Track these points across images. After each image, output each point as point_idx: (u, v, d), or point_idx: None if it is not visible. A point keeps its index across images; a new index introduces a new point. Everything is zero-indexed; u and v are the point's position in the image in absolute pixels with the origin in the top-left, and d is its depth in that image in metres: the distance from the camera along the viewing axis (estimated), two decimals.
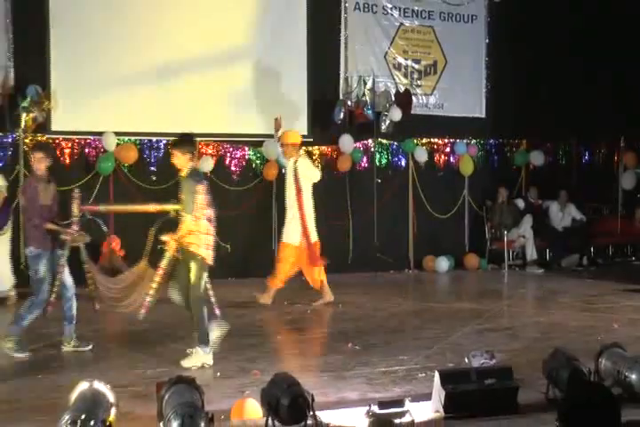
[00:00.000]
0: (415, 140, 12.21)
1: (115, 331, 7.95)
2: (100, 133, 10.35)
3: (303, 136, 11.52)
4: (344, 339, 6.98)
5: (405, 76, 12.38)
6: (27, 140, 10.17)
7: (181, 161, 6.19)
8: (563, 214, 12.60)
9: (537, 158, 12.91)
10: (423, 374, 5.58)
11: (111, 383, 4.06)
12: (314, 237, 8.93)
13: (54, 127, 10.38)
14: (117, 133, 10.48)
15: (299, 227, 8.87)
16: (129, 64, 10.66)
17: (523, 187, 13.00)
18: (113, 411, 3.76)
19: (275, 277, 8.97)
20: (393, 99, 11.92)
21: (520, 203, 12.42)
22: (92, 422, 3.38)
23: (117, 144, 10.50)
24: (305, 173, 8.92)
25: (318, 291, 9.01)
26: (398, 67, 12.35)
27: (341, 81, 11.89)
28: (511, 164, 13.00)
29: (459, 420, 4.33)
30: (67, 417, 3.38)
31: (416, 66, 12.46)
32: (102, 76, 10.53)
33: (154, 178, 10.74)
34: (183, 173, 6.21)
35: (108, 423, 3.52)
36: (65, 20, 10.41)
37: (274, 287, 8.96)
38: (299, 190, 8.89)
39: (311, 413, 3.91)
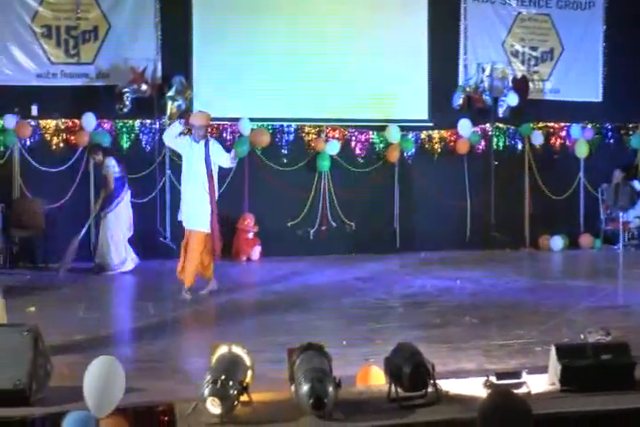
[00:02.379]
0: (531, 124, 11.82)
1: (248, 301, 8.07)
2: (237, 119, 10.51)
3: (424, 121, 11.51)
4: (462, 312, 6.87)
5: (522, 62, 11.96)
6: None
7: None
8: None
9: None
10: (539, 348, 5.40)
11: (246, 348, 4.11)
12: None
13: None
14: (252, 119, 10.60)
15: (208, 212, 7.64)
16: (260, 55, 10.73)
17: (638, 169, 12.39)
18: (249, 373, 3.79)
19: (185, 269, 7.68)
20: (510, 84, 11.59)
21: (636, 185, 11.86)
22: (230, 383, 3.43)
23: (252, 129, 10.63)
24: (219, 157, 7.73)
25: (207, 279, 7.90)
26: (515, 54, 11.95)
27: (460, 68, 11.64)
28: (627, 147, 12.40)
29: (575, 393, 4.16)
30: (208, 377, 3.44)
31: (533, 53, 12.02)
32: (237, 66, 10.66)
33: (285, 160, 10.87)
34: None
35: (245, 384, 3.55)
36: (206, 16, 10.60)
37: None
38: (210, 175, 7.65)
39: (431, 381, 3.85)
